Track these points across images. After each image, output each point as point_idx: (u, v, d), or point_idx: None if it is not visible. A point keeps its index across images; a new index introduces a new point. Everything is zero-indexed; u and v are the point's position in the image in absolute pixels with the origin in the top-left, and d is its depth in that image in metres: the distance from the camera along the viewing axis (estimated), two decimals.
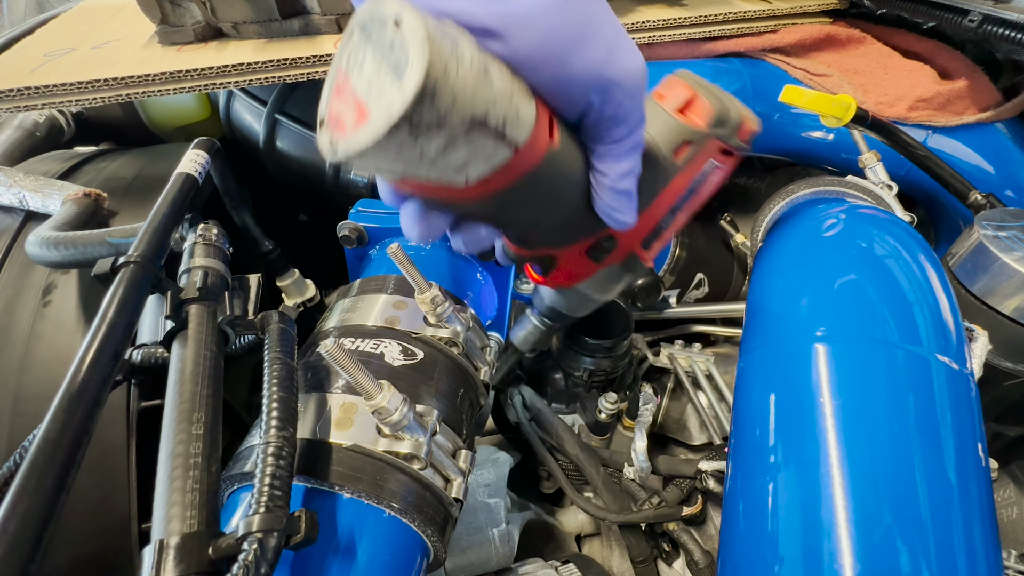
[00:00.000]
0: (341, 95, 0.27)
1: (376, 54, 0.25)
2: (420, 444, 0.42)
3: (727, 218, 1.10)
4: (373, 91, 0.25)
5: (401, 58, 0.24)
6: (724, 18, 0.87)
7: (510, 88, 0.27)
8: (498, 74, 0.26)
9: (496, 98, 0.26)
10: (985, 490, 0.45)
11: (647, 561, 0.73)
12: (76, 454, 0.32)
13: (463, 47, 0.25)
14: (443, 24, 0.25)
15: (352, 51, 0.27)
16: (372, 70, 0.26)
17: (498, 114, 0.26)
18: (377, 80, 0.25)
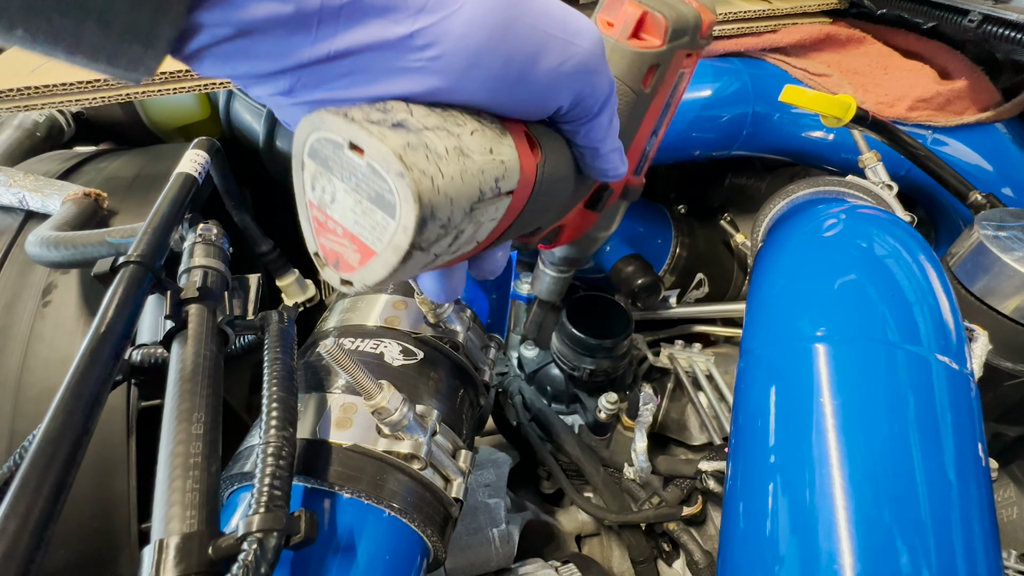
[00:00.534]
0: (327, 231, 0.27)
1: (347, 184, 0.25)
2: (420, 444, 0.42)
3: (727, 218, 1.10)
4: (367, 227, 0.25)
5: (382, 189, 0.23)
6: (724, 18, 0.88)
7: (487, 145, 0.26)
8: (472, 140, 0.26)
9: (482, 168, 0.26)
10: (985, 490, 0.44)
11: (647, 561, 0.73)
12: (76, 454, 0.32)
13: (431, 140, 0.24)
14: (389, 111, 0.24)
15: (314, 182, 0.26)
16: (352, 203, 0.25)
17: (489, 182, 0.26)
18: (366, 216, 0.25)
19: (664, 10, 0.36)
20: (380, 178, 0.23)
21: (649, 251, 1.05)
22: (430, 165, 0.23)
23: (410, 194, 0.23)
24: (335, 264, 0.27)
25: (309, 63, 0.23)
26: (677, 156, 0.93)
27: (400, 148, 0.23)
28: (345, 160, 0.24)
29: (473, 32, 0.24)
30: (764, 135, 0.93)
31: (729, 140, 0.92)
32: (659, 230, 1.09)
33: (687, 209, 1.14)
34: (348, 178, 0.24)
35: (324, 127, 0.24)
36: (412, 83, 0.24)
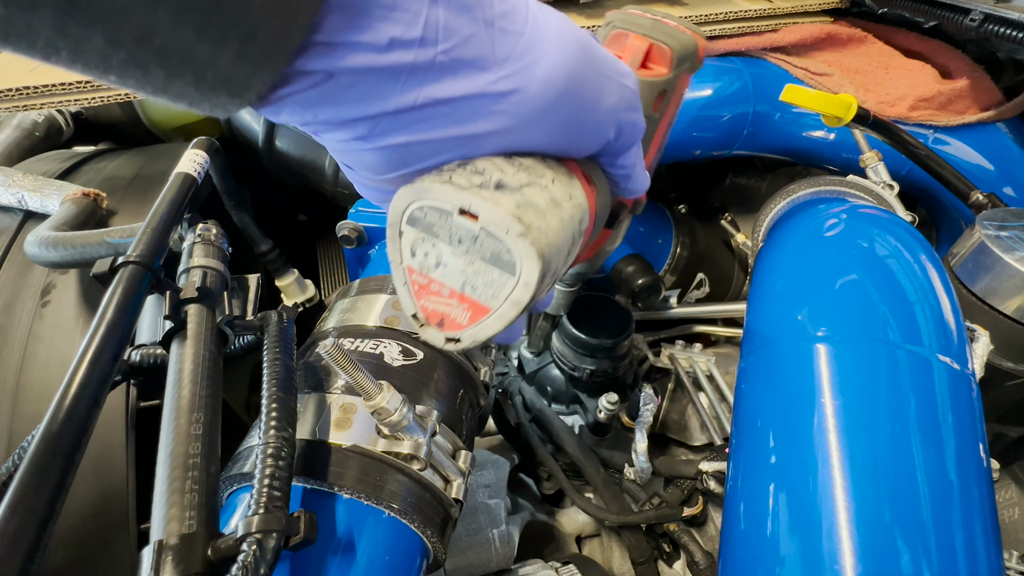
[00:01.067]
0: (430, 294, 0.28)
1: (455, 248, 0.26)
2: (420, 445, 0.42)
3: (728, 218, 1.10)
4: (479, 286, 0.26)
5: (499, 250, 0.25)
6: (725, 17, 0.87)
7: (567, 191, 0.28)
8: (557, 189, 0.27)
9: (571, 215, 0.27)
10: (986, 491, 0.44)
11: (647, 562, 0.73)
12: (75, 454, 0.32)
13: (533, 197, 0.25)
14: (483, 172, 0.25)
15: (414, 248, 0.27)
16: (462, 265, 0.26)
17: (576, 226, 0.28)
18: (479, 276, 0.26)
19: (668, 41, 0.39)
20: (497, 240, 0.24)
21: (649, 251, 1.05)
22: (540, 221, 0.25)
23: (532, 252, 0.24)
24: (439, 324, 0.28)
25: (394, 111, 0.24)
26: (678, 156, 0.93)
27: (515, 210, 0.24)
28: (454, 226, 0.25)
29: (554, 80, 0.25)
30: (765, 134, 0.93)
31: (730, 139, 0.92)
32: (659, 230, 1.09)
33: (688, 209, 1.14)
34: (457, 242, 0.26)
35: (429, 196, 0.25)
36: (489, 125, 0.25)
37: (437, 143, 0.25)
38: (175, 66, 0.20)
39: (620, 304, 0.85)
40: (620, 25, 0.39)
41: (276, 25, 0.20)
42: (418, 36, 0.22)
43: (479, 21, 0.23)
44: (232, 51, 0.20)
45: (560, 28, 0.26)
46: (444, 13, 0.22)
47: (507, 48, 0.24)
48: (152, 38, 0.18)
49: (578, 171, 0.30)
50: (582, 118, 0.28)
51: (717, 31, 0.88)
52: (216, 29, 0.19)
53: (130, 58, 0.19)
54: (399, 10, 0.21)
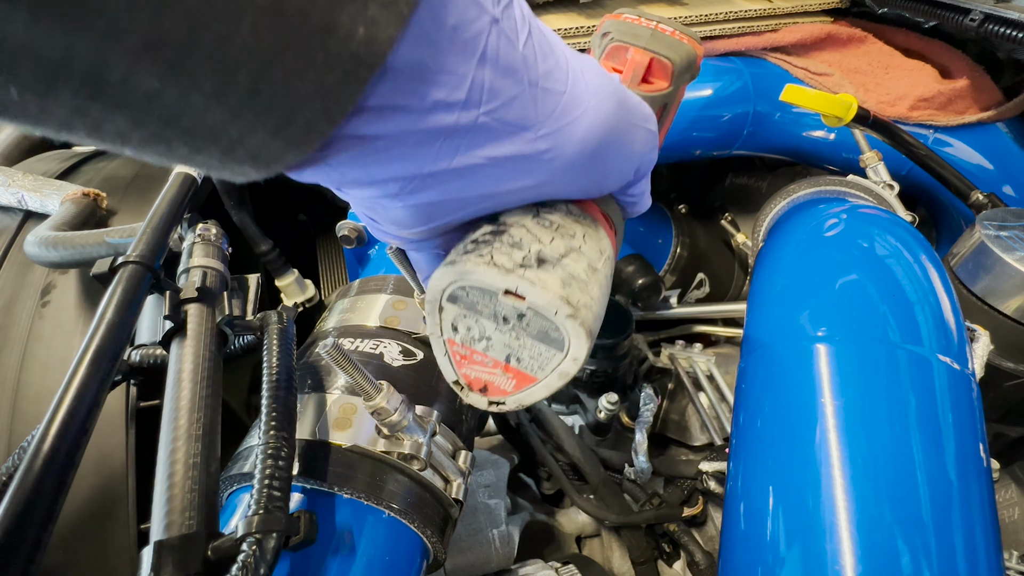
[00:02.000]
0: (473, 363, 0.28)
1: (502, 326, 0.26)
2: (419, 445, 0.42)
3: (728, 218, 1.10)
4: (525, 359, 0.27)
5: (547, 328, 0.25)
6: (725, 17, 0.87)
7: (597, 247, 0.28)
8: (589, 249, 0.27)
9: (606, 274, 0.28)
10: (986, 491, 0.44)
11: (648, 562, 0.73)
12: (75, 454, 0.32)
13: (574, 269, 0.26)
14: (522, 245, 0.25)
15: (456, 323, 0.27)
16: (507, 340, 0.27)
17: (609, 283, 0.28)
18: (525, 350, 0.26)
19: (668, 54, 0.38)
20: (545, 320, 0.25)
21: (650, 251, 1.05)
22: (585, 296, 0.25)
23: (582, 332, 0.25)
24: (482, 390, 0.29)
25: (429, 173, 0.23)
26: (678, 156, 0.93)
27: (562, 290, 0.24)
28: (499, 305, 0.26)
29: (591, 137, 0.25)
30: (765, 134, 0.93)
31: (730, 139, 0.92)
32: (660, 230, 1.09)
33: (688, 209, 1.14)
34: (502, 320, 0.26)
35: (471, 278, 0.25)
36: (524, 183, 0.25)
37: (469, 199, 0.25)
38: (201, 143, 0.18)
39: (620, 304, 0.85)
40: (619, 37, 0.39)
41: (317, 108, 0.18)
42: (462, 99, 0.21)
43: (524, 82, 0.22)
44: (267, 132, 0.18)
45: (598, 83, 0.26)
46: (490, 75, 0.21)
47: (548, 108, 0.24)
48: (180, 120, 0.17)
49: (599, 214, 0.31)
50: (612, 166, 0.28)
51: (717, 31, 0.88)
52: (252, 113, 0.18)
53: (153, 137, 0.18)
54: (445, 73, 0.20)
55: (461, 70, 0.20)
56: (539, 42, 0.23)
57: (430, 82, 0.20)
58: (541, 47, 0.23)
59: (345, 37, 0.17)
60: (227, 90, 0.16)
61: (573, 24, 0.82)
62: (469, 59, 0.20)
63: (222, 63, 0.16)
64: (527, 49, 0.22)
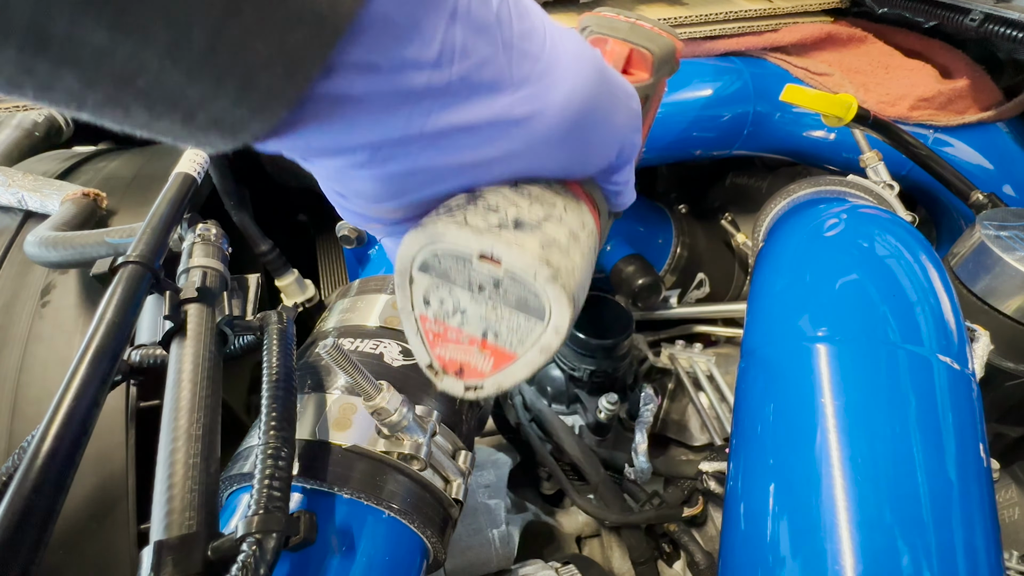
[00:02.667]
0: (447, 342, 0.26)
1: (477, 296, 0.24)
2: (419, 445, 0.42)
3: (728, 218, 1.10)
4: (505, 333, 0.25)
5: (525, 294, 0.23)
6: (725, 17, 0.87)
7: (580, 219, 0.27)
8: (571, 219, 0.26)
9: (588, 245, 0.26)
10: (987, 491, 0.44)
11: (647, 562, 0.73)
12: (75, 454, 0.32)
13: (554, 233, 0.24)
14: (498, 209, 0.24)
15: (427, 296, 0.25)
16: (483, 311, 0.25)
17: (593, 255, 0.27)
18: (502, 322, 0.24)
19: (648, 45, 0.38)
20: (523, 285, 0.23)
21: (650, 251, 1.05)
22: (566, 260, 0.23)
23: (563, 296, 0.23)
24: (457, 372, 0.26)
25: (399, 138, 0.22)
26: (678, 156, 0.93)
27: (541, 252, 0.22)
28: (473, 272, 0.24)
29: (571, 104, 0.24)
30: (765, 134, 0.93)
31: (730, 139, 0.92)
32: (660, 230, 1.09)
33: (688, 209, 1.14)
34: (478, 288, 0.24)
35: (444, 241, 0.23)
36: (500, 151, 0.24)
37: (442, 170, 0.24)
38: (160, 108, 0.17)
39: (620, 304, 0.85)
40: (597, 30, 0.38)
41: (279, 71, 0.17)
42: (433, 58, 0.20)
43: (497, 42, 0.21)
44: (228, 98, 0.17)
45: (578, 50, 0.24)
46: (462, 33, 0.20)
47: (524, 71, 0.22)
48: (135, 80, 0.16)
49: (582, 193, 0.29)
50: (594, 141, 0.26)
51: (717, 31, 0.88)
52: (210, 75, 0.17)
53: (108, 99, 0.17)
54: (414, 29, 0.19)
55: (431, 27, 0.19)
56: (514, 2, 0.22)
57: (399, 38, 0.19)
58: (516, 7, 0.22)
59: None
60: (181, 47, 0.16)
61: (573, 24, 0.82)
62: (439, 15, 0.19)
63: (174, 17, 0.15)
64: (501, 8, 0.21)
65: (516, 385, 0.26)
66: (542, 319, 0.24)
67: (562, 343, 0.24)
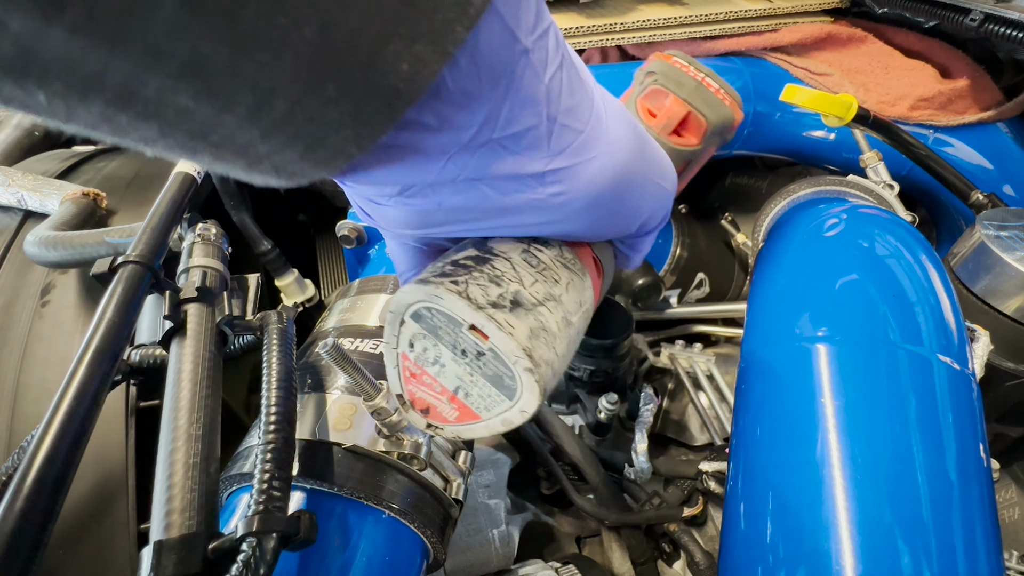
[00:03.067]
0: (421, 384, 0.27)
1: (458, 358, 0.25)
2: (419, 445, 0.42)
3: (728, 218, 1.10)
4: (474, 396, 0.26)
5: (503, 373, 0.24)
6: (725, 17, 0.87)
7: (578, 298, 0.27)
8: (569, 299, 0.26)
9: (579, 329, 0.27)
10: (987, 491, 0.44)
11: (648, 562, 0.73)
12: (75, 454, 0.32)
13: (546, 319, 0.25)
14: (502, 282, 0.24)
15: (413, 341, 0.26)
16: (461, 373, 0.25)
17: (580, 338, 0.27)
18: (475, 387, 0.25)
19: (706, 111, 0.37)
20: (503, 364, 0.24)
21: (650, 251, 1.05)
22: (549, 352, 0.24)
23: (536, 388, 0.23)
24: (423, 411, 0.28)
25: (430, 184, 0.23)
26: None
27: (527, 341, 0.23)
28: (461, 337, 0.24)
29: (600, 179, 0.24)
30: (765, 134, 0.93)
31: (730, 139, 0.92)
32: None
33: (688, 209, 1.14)
34: (461, 352, 0.25)
35: (440, 303, 0.24)
36: (523, 211, 0.24)
37: (465, 213, 0.24)
38: (227, 156, 0.18)
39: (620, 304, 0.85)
40: (662, 82, 0.38)
41: (350, 135, 0.18)
42: (479, 123, 0.21)
43: (543, 115, 0.22)
44: (295, 152, 0.18)
45: (620, 131, 0.25)
46: (510, 104, 0.21)
47: (562, 144, 0.23)
48: (209, 135, 0.17)
49: (591, 259, 0.30)
50: (616, 213, 0.27)
51: (717, 31, 0.88)
52: (283, 135, 0.17)
53: (179, 145, 0.17)
54: (466, 96, 0.20)
55: (483, 97, 0.20)
56: (568, 76, 0.23)
57: (449, 102, 0.20)
58: (569, 81, 0.23)
59: (388, 72, 0.17)
60: (261, 114, 0.16)
61: (573, 24, 0.82)
62: (493, 88, 0.20)
63: (260, 90, 0.15)
64: (553, 83, 0.22)
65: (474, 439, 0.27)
66: (512, 398, 0.25)
67: (525, 422, 0.25)
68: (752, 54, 0.92)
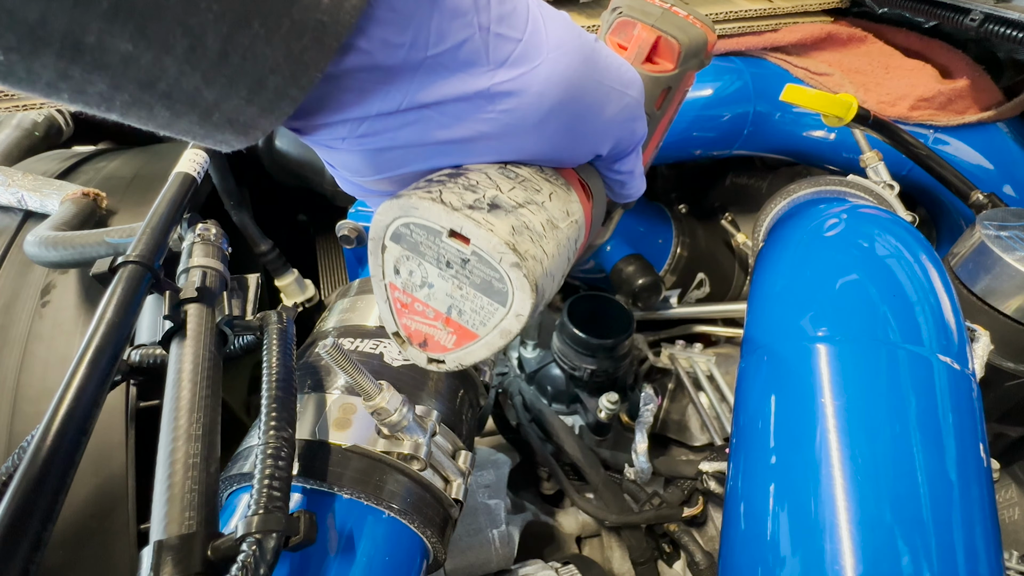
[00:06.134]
0: (414, 313, 0.26)
1: (443, 271, 0.24)
2: (419, 445, 0.42)
3: (728, 218, 1.10)
4: (467, 312, 0.25)
5: (491, 277, 0.23)
6: (725, 17, 0.87)
7: (564, 207, 0.26)
8: (554, 207, 0.25)
9: (568, 236, 0.26)
10: (987, 491, 0.44)
11: (648, 562, 0.73)
12: (75, 454, 0.32)
13: (529, 219, 0.24)
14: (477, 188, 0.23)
15: (398, 266, 0.26)
16: (449, 288, 0.25)
17: (572, 247, 0.26)
18: (466, 301, 0.25)
19: (677, 34, 0.36)
20: (489, 267, 0.23)
21: (650, 251, 1.05)
22: (537, 248, 0.23)
23: (526, 284, 0.23)
24: (421, 344, 0.27)
25: (376, 115, 0.23)
26: (678, 155, 0.93)
27: (510, 237, 0.22)
28: (443, 247, 0.24)
29: (550, 89, 0.24)
30: (765, 134, 0.93)
31: (730, 139, 0.92)
32: (660, 230, 1.09)
33: (688, 209, 1.14)
34: (445, 264, 0.24)
35: (416, 214, 0.23)
36: (478, 131, 0.24)
37: (423, 149, 0.24)
38: (180, 108, 0.19)
39: (620, 304, 0.85)
40: (628, 13, 0.37)
41: (287, 74, 0.19)
42: (408, 40, 0.21)
43: (474, 26, 0.22)
44: (240, 97, 0.19)
45: (562, 36, 0.24)
46: (438, 17, 0.21)
47: (502, 54, 0.23)
48: (157, 83, 0.18)
49: (576, 180, 0.29)
50: (579, 128, 0.26)
51: (717, 31, 0.88)
52: (224, 78, 0.19)
53: (134, 100, 0.19)
54: (391, 11, 0.20)
55: (407, 11, 0.20)
56: None
57: (376, 23, 0.20)
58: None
59: (310, 5, 0.18)
60: (197, 54, 0.18)
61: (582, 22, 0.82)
62: (417, 4, 0.20)
63: (189, 27, 0.17)
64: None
65: (475, 362, 0.26)
66: (504, 304, 0.24)
67: (523, 328, 0.24)
68: (752, 54, 0.92)
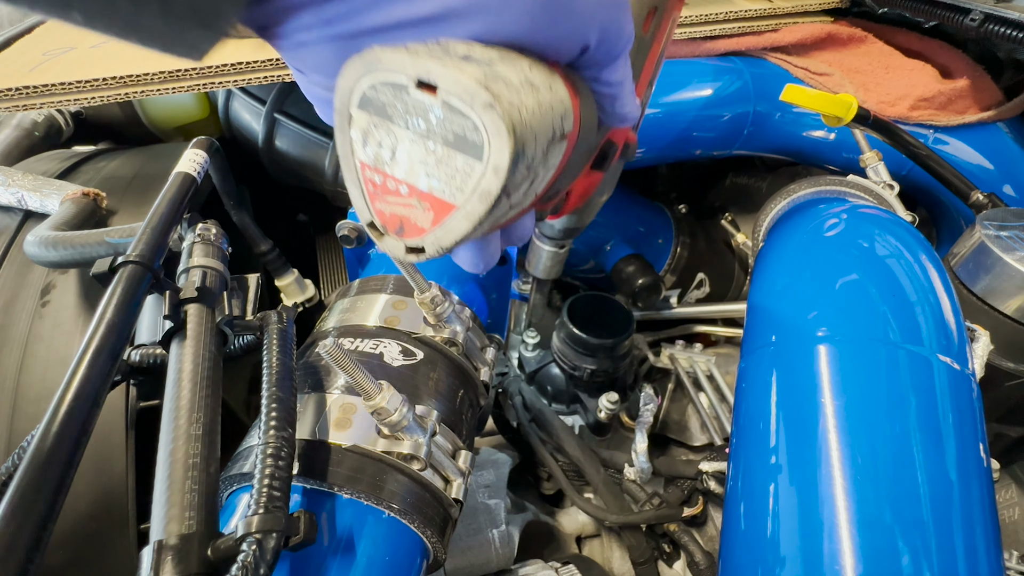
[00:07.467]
0: (387, 193, 0.24)
1: (414, 132, 0.22)
2: (419, 445, 0.42)
3: (728, 218, 1.10)
4: (442, 178, 0.22)
5: (464, 127, 0.21)
6: (725, 17, 0.87)
7: (546, 80, 0.24)
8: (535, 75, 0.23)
9: (551, 103, 0.23)
10: (987, 491, 0.44)
11: (647, 562, 0.73)
12: (74, 454, 0.32)
13: (503, 71, 0.21)
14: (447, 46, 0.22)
15: (366, 137, 0.24)
16: (421, 153, 0.22)
17: (557, 120, 0.24)
18: (441, 166, 0.22)
19: None
20: (461, 115, 0.21)
21: (650, 251, 1.05)
22: (513, 95, 0.21)
23: (502, 126, 0.20)
24: (398, 231, 0.25)
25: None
26: (678, 155, 0.93)
27: (482, 79, 0.20)
28: (412, 103, 0.21)
29: None
30: (765, 134, 0.93)
31: (730, 139, 0.92)
32: (660, 230, 1.09)
33: (688, 209, 1.14)
34: (416, 123, 0.22)
35: (382, 66, 0.21)
36: (440, 6, 0.22)
37: (391, 31, 0.22)
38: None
39: (620, 304, 0.85)
40: None
41: None
42: None
43: None
44: None
45: None
46: None
47: None
48: None
49: (560, 72, 0.27)
50: (554, 3, 0.24)
51: (717, 31, 0.88)
52: None
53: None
54: None
55: None
56: None
57: None
58: None
59: None
60: None
61: None
62: None
63: None
64: None
65: (459, 242, 0.23)
66: (480, 158, 0.21)
67: (504, 189, 0.22)
68: (752, 54, 0.92)
